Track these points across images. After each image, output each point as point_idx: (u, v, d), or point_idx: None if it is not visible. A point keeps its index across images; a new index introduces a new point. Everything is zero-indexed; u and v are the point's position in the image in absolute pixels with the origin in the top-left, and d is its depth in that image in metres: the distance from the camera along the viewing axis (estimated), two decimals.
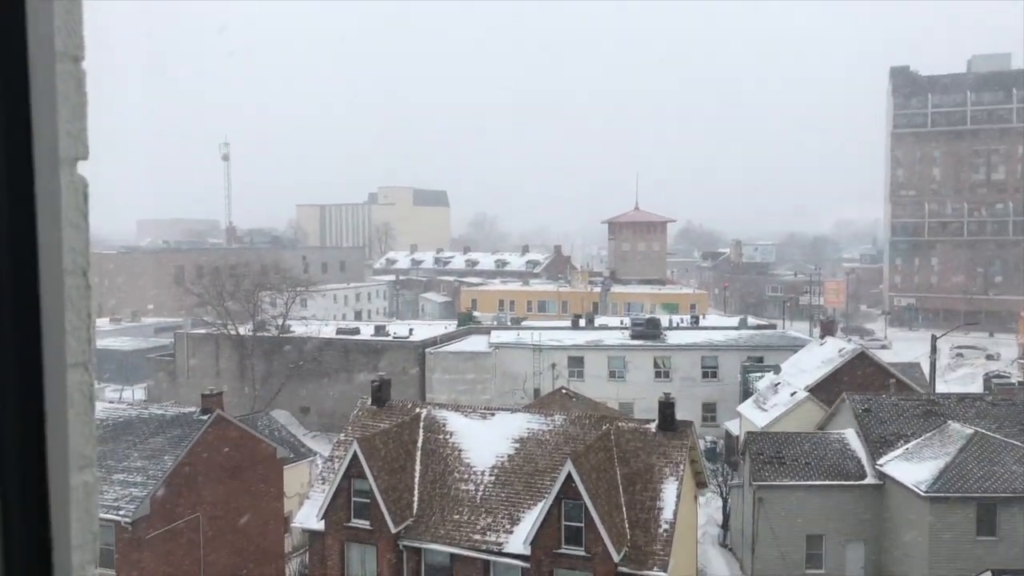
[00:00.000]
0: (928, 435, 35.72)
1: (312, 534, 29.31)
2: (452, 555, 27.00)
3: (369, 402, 32.65)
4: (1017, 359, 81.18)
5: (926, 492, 31.59)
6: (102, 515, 29.33)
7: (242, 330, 66.38)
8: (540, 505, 25.79)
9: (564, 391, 43.88)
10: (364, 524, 27.58)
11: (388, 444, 28.70)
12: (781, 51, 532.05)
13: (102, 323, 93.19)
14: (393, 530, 26.97)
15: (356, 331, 69.09)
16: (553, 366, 60.58)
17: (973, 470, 32.07)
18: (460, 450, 29.57)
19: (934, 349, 55.18)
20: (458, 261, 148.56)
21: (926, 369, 56.14)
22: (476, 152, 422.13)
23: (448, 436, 30.22)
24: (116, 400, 55.82)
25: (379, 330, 69.01)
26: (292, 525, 33.71)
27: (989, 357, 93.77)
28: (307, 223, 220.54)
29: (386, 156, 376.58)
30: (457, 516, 27.49)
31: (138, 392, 71.00)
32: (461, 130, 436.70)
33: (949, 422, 36.17)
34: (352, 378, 62.45)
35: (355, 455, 27.32)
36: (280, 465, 37.53)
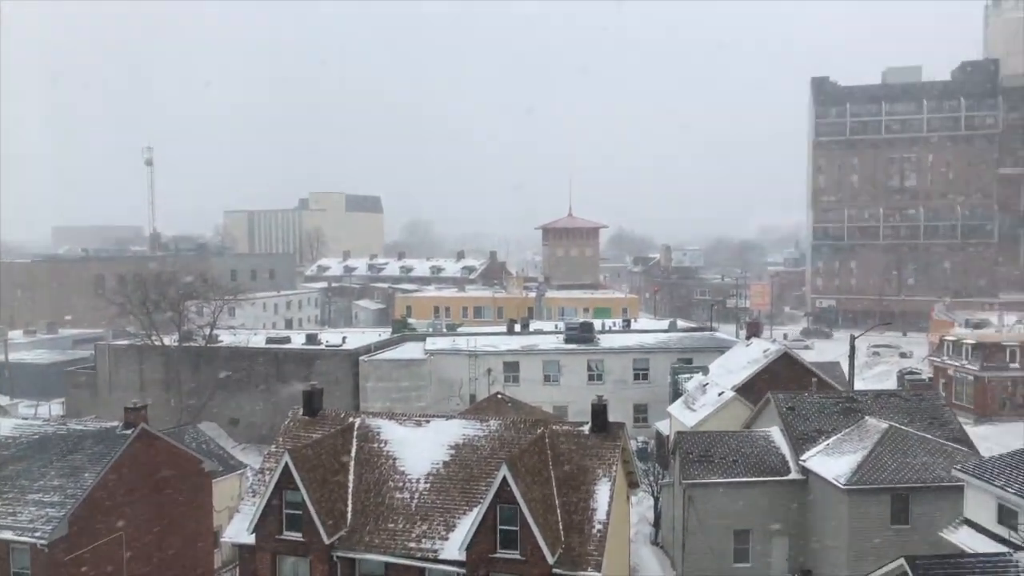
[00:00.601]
0: (847, 430, 37.18)
1: (243, 548, 28.86)
2: (387, 564, 26.95)
3: (301, 412, 32.33)
4: (928, 356, 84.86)
5: (845, 485, 32.89)
6: (15, 538, 28.34)
7: (167, 341, 64.79)
8: (476, 510, 25.98)
9: (500, 396, 44.21)
10: (296, 536, 27.32)
11: (321, 454, 28.50)
12: (710, 61, 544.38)
13: (15, 335, 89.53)
14: (326, 541, 26.80)
15: (287, 340, 68.12)
16: (489, 371, 60.87)
17: (888, 463, 33.54)
18: (395, 458, 29.56)
19: (852, 348, 57.38)
20: (392, 267, 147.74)
21: (845, 367, 58.33)
22: (411, 158, 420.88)
23: (382, 445, 30.17)
24: (31, 416, 53.76)
25: (311, 339, 68.20)
26: (222, 540, 33.10)
27: (903, 355, 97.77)
28: (235, 229, 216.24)
29: (318, 162, 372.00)
30: (392, 525, 27.48)
31: (55, 407, 68.50)
32: (395, 136, 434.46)
33: (866, 417, 37.72)
34: (283, 388, 61.57)
35: (286, 466, 27.06)
36: (209, 479, 36.82)
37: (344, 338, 68.36)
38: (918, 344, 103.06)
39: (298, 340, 68.39)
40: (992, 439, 56.69)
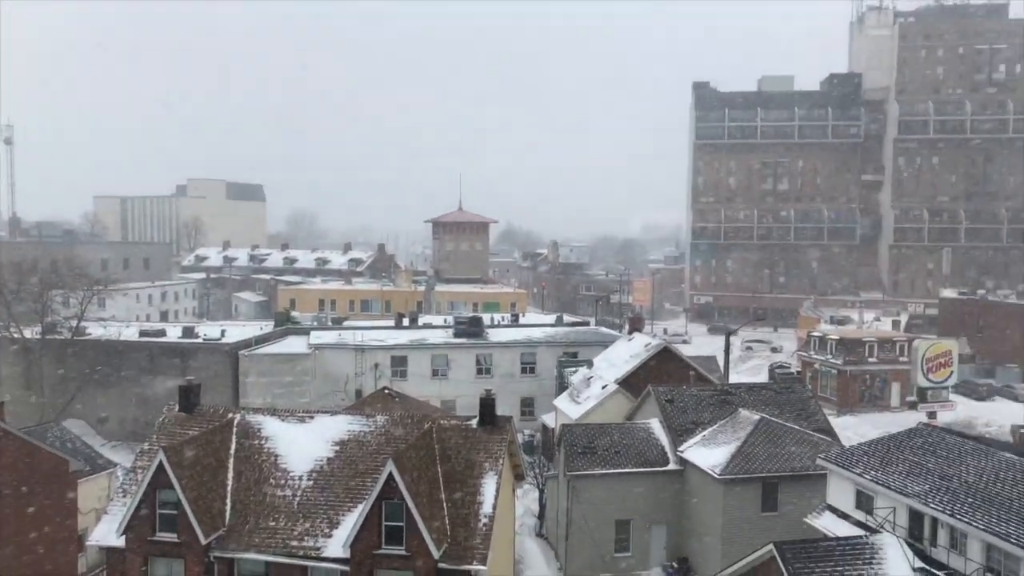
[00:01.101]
0: (722, 422, 38.85)
1: (111, 552, 27.44)
2: (267, 563, 26.25)
3: (176, 408, 31.02)
4: (796, 351, 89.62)
5: (720, 475, 34.36)
6: None
7: (28, 333, 60.80)
8: (360, 507, 25.65)
9: (387, 391, 43.79)
10: (171, 537, 26.22)
11: (198, 452, 27.45)
12: (601, 62, 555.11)
13: None
14: (203, 541, 25.85)
15: (162, 333, 65.20)
16: (376, 366, 60.16)
17: (759, 453, 35.26)
18: (276, 455, 28.80)
19: (727, 343, 59.94)
20: (275, 259, 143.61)
21: (721, 361, 60.89)
22: (295, 148, 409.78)
23: (264, 441, 29.33)
24: None
25: (188, 332, 65.48)
26: (88, 543, 31.33)
27: (774, 350, 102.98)
28: (106, 216, 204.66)
29: (197, 148, 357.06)
30: (273, 523, 26.78)
31: None
32: (280, 125, 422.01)
33: (740, 410, 39.52)
34: (157, 384, 58.85)
35: (161, 464, 25.92)
36: (74, 479, 34.85)
37: (223, 331, 65.99)
38: (788, 339, 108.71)
39: (174, 333, 65.53)
40: (852, 429, 60.49)
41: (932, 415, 64.88)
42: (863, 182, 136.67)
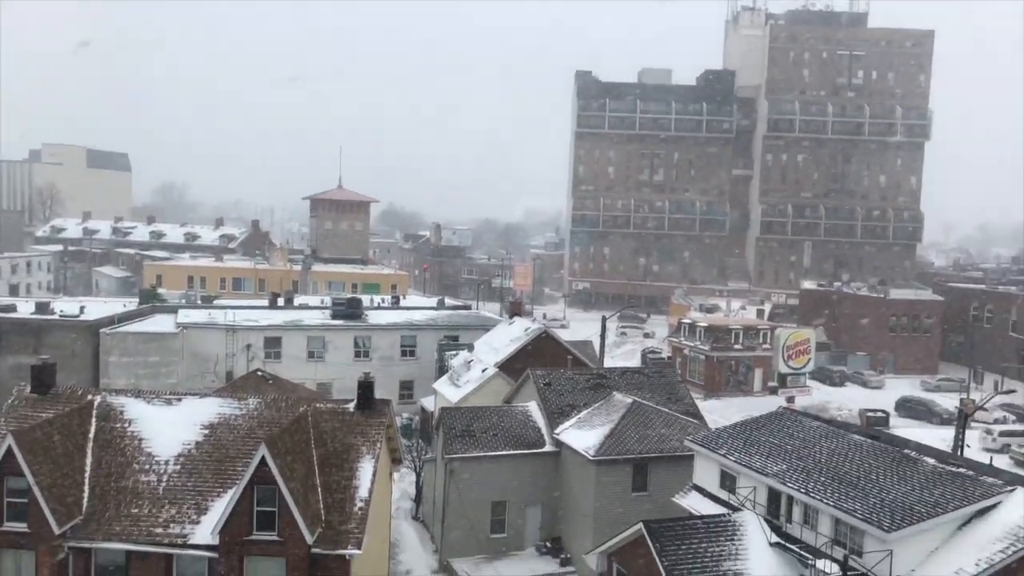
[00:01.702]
0: (597, 405, 39.90)
1: None
2: (128, 552, 25.08)
3: (28, 390, 29.07)
4: (667, 337, 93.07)
5: (593, 456, 35.31)
6: None
7: None
8: (231, 492, 24.85)
9: (260, 373, 42.55)
10: (20, 527, 24.62)
11: (52, 436, 25.84)
12: (489, 47, 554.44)
13: None
14: (57, 531, 24.40)
15: (12, 308, 60.83)
16: (248, 347, 58.29)
17: (631, 435, 36.45)
18: (141, 439, 27.49)
19: (604, 328, 61.55)
20: (141, 232, 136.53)
21: (597, 346, 62.44)
22: (164, 116, 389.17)
23: (127, 425, 27.93)
24: None
25: (42, 308, 61.34)
26: None
27: (646, 335, 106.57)
28: None
29: (54, 109, 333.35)
30: (136, 510, 25.59)
31: None
32: (147, 91, 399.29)
33: (614, 393, 40.69)
34: (5, 363, 54.94)
35: (9, 449, 24.25)
36: None
37: (83, 308, 62.23)
38: (660, 325, 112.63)
39: (26, 309, 61.28)
40: (717, 412, 63.45)
41: (791, 399, 68.92)
42: (734, 176, 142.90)
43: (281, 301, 70.37)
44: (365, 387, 29.23)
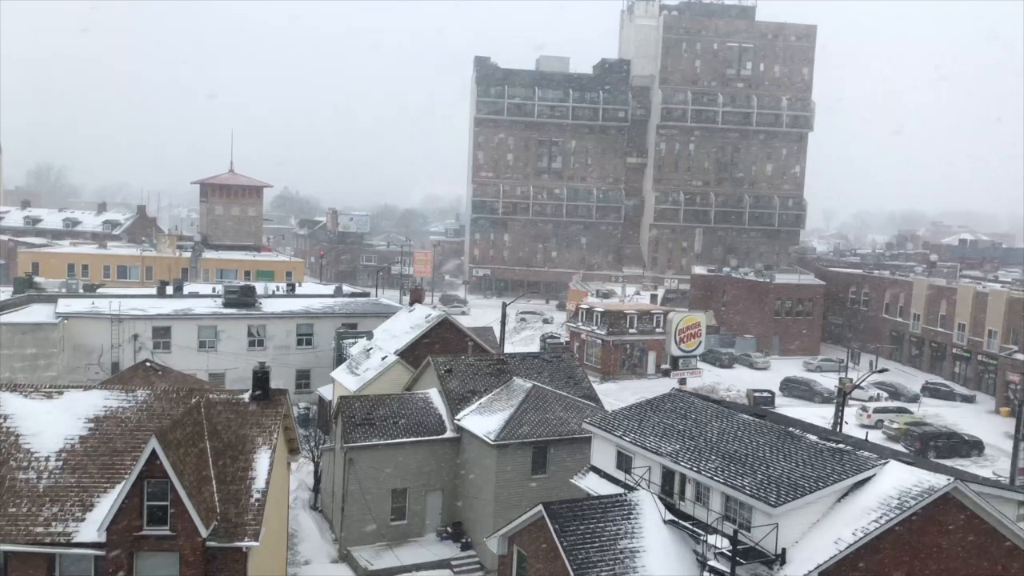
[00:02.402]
0: (497, 390, 40.27)
1: None
2: (6, 554, 23.77)
3: None
4: (566, 323, 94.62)
5: (494, 441, 35.66)
6: None
7: None
8: (119, 488, 23.88)
9: (148, 364, 40.98)
10: None
11: None
12: (384, 34, 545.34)
13: None
14: None
15: None
16: (135, 337, 55.89)
17: (531, 418, 36.99)
18: (18, 435, 26.04)
19: (504, 314, 62.03)
20: (14, 217, 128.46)
21: (498, 332, 62.92)
22: (40, 94, 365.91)
23: (1, 420, 26.39)
24: None
25: None
26: None
27: (545, 321, 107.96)
28: None
29: None
30: (13, 509, 24.26)
31: None
32: (20, 68, 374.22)
33: (514, 378, 41.16)
34: None
35: None
36: None
37: None
38: (558, 311, 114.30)
39: None
40: (613, 395, 65.10)
41: (683, 381, 71.35)
42: (629, 164, 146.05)
43: (170, 289, 67.70)
44: (260, 377, 28.59)
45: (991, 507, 23.83)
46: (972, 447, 57.88)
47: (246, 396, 28.42)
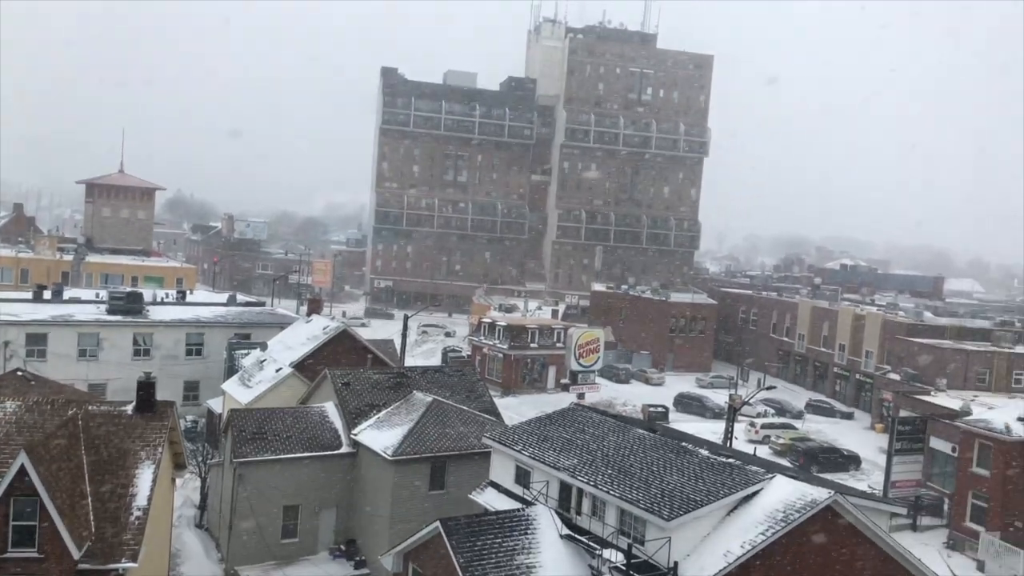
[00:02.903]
0: (397, 404, 39.65)
1: None
2: None
3: None
4: (468, 336, 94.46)
5: (391, 456, 35.03)
6: None
7: None
8: None
9: (20, 373, 38.33)
10: None
11: None
12: (294, 38, 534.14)
13: None
14: None
15: None
16: (6, 344, 52.40)
17: (430, 433, 36.53)
18: None
19: (405, 327, 61.36)
20: None
21: (398, 345, 62.13)
22: None
23: None
24: None
25: None
26: None
27: (447, 334, 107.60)
28: None
29: None
30: None
31: None
32: None
33: (414, 392, 40.62)
34: None
35: None
36: None
37: None
38: (461, 324, 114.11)
39: None
40: (513, 409, 65.19)
41: (581, 396, 72.28)
42: (533, 182, 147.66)
43: (48, 294, 63.87)
44: (145, 388, 27.19)
45: (867, 518, 24.96)
46: (850, 461, 60.76)
47: (129, 408, 26.97)
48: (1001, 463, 45.58)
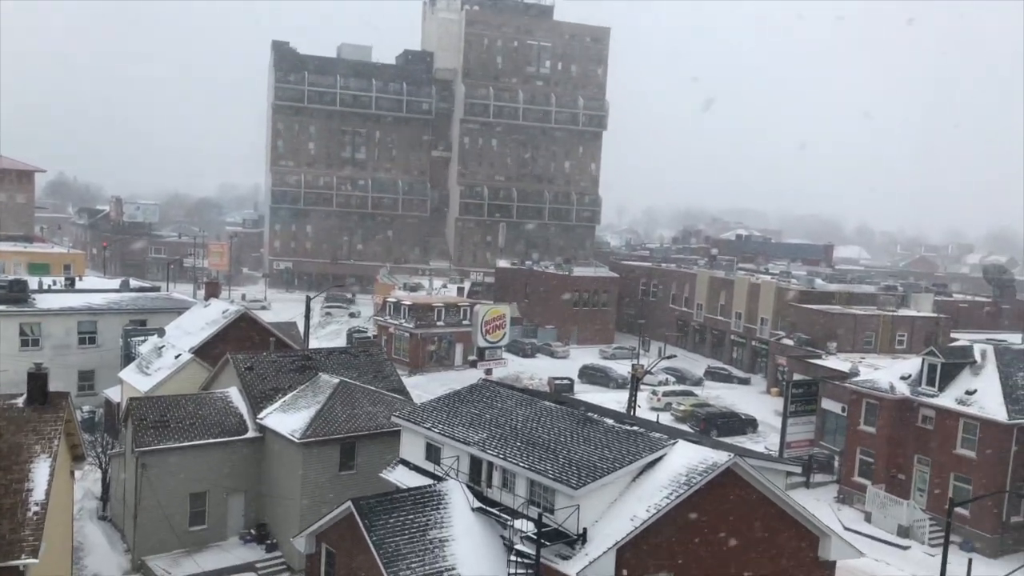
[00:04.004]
0: (303, 387, 39.32)
1: None
2: None
3: None
4: (373, 316, 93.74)
5: (299, 439, 34.83)
6: None
7: None
8: None
9: None
10: None
11: None
12: (185, 6, 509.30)
13: None
14: None
15: None
16: None
17: (338, 414, 36.47)
18: None
19: (308, 309, 60.54)
20: None
21: (301, 327, 61.27)
22: None
23: None
24: None
25: None
26: None
27: (352, 315, 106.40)
28: None
29: None
30: None
31: None
32: None
33: (320, 374, 40.35)
34: None
35: None
36: None
37: None
38: (365, 304, 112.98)
39: None
40: (422, 387, 65.41)
41: (489, 371, 72.99)
42: (434, 157, 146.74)
43: None
44: (37, 379, 26.11)
45: (764, 478, 26.50)
46: (748, 425, 63.79)
47: (20, 400, 25.89)
48: (886, 420, 48.82)
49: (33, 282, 62.37)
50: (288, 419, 36.72)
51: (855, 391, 51.49)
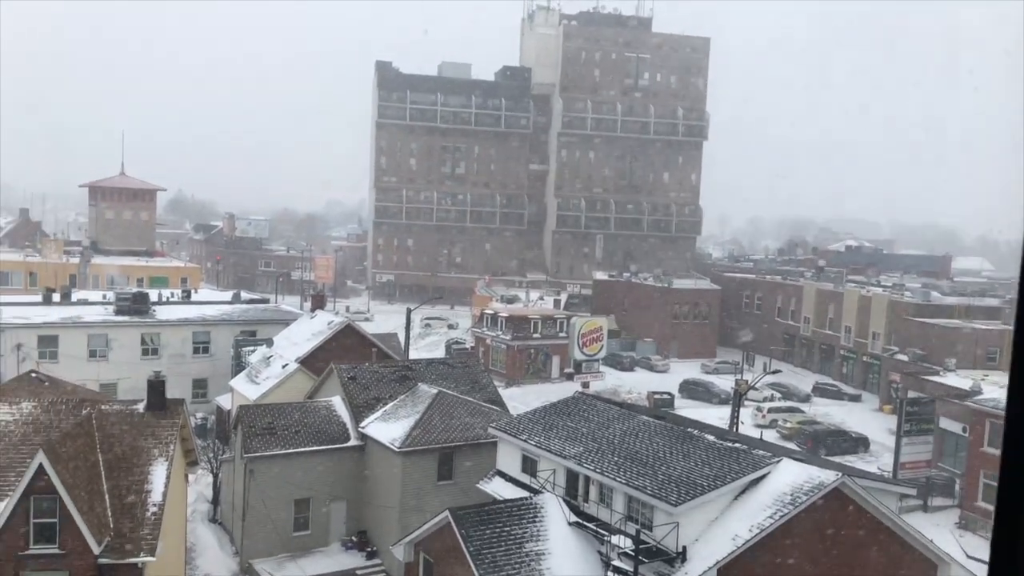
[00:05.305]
0: (402, 397, 40.05)
1: None
2: None
3: None
4: (471, 328, 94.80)
5: (399, 448, 35.45)
6: None
7: None
8: (3, 505, 22.60)
9: (34, 375, 38.84)
10: None
11: None
12: (287, 36, 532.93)
13: None
14: None
15: None
16: (19, 347, 52.88)
17: (436, 424, 36.95)
18: None
19: (408, 320, 61.72)
20: None
21: (402, 338, 62.51)
22: None
23: None
24: None
25: None
26: None
27: (450, 327, 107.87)
28: None
29: None
30: None
31: None
32: None
33: (419, 384, 41.01)
34: None
35: None
36: None
37: None
38: (464, 317, 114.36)
39: None
40: (518, 399, 65.54)
41: (586, 384, 72.57)
42: (531, 171, 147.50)
43: (56, 297, 64.32)
44: (156, 386, 27.62)
45: (875, 500, 25.28)
46: (859, 444, 61.06)
47: (141, 406, 27.40)
48: None
49: (153, 295, 65.98)
50: (388, 428, 37.45)
51: (978, 410, 48.62)
